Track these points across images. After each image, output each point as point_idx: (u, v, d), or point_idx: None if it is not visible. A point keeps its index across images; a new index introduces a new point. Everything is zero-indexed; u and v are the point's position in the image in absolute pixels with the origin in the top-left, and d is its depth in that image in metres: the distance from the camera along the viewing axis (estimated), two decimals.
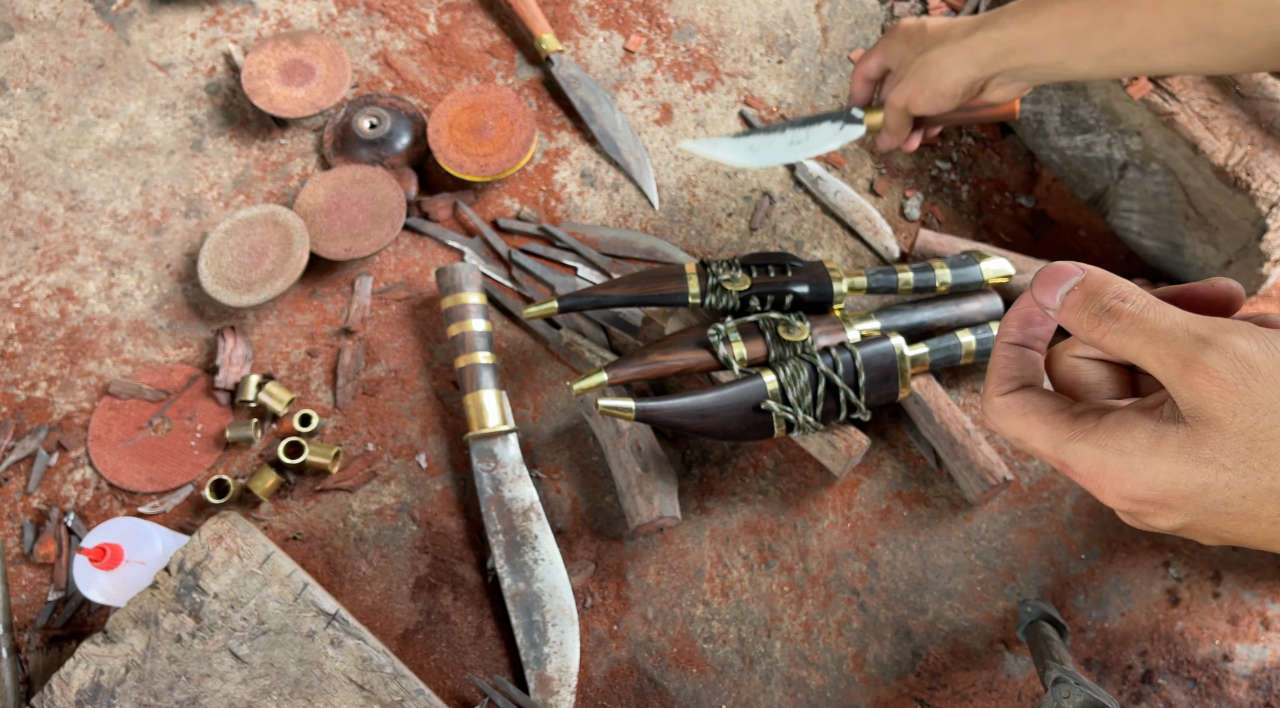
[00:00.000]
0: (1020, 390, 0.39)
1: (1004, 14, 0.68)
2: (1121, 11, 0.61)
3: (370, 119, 0.96)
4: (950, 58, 0.69)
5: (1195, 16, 0.59)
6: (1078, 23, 0.63)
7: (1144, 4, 0.60)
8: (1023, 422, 0.38)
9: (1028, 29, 0.66)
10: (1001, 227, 0.94)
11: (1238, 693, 0.78)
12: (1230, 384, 0.32)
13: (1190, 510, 0.34)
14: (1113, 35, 0.62)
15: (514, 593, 0.79)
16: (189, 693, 0.72)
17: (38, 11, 1.02)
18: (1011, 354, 0.40)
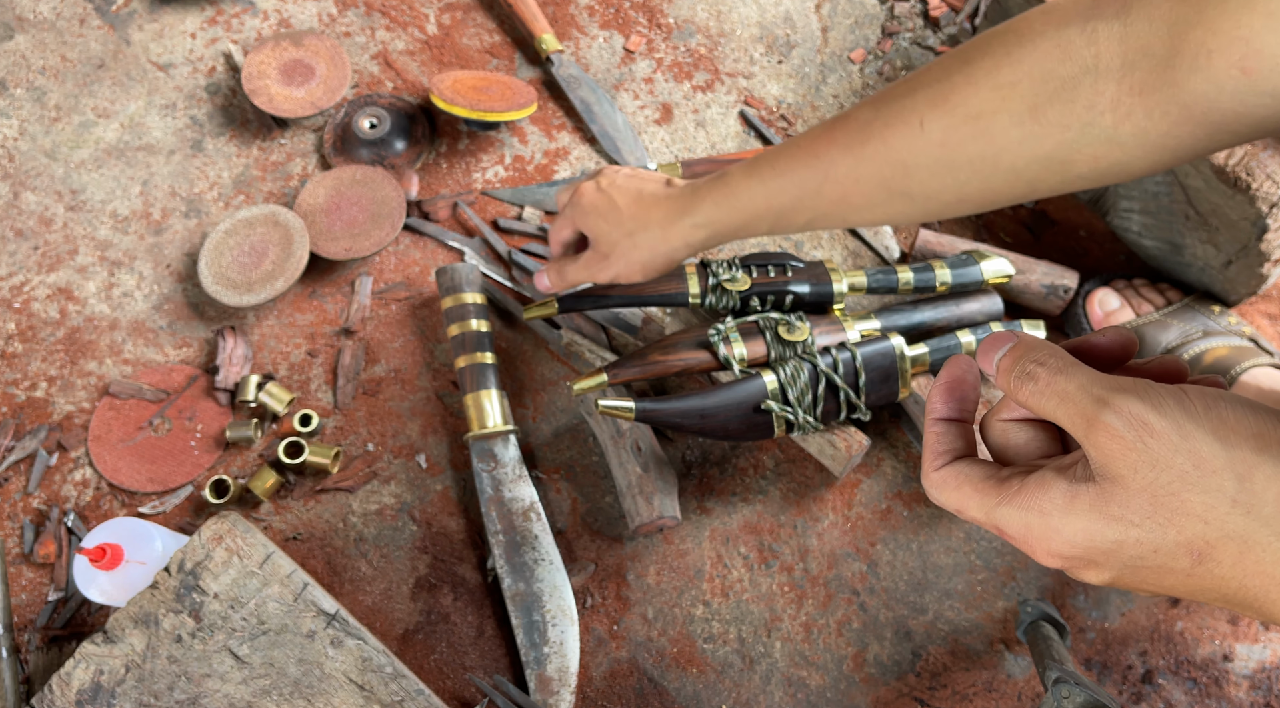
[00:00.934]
0: (953, 463, 0.40)
1: (704, 201, 0.68)
2: (820, 184, 0.63)
3: (370, 119, 0.96)
4: (664, 244, 0.71)
5: (888, 181, 0.61)
6: (779, 201, 0.65)
7: (840, 175, 0.62)
8: (957, 493, 0.39)
9: (733, 214, 0.68)
10: (1001, 227, 0.94)
11: (1238, 693, 0.78)
12: (1129, 442, 0.33)
13: (1113, 566, 0.35)
14: (814, 205, 0.65)
15: (514, 593, 0.79)
16: (189, 693, 0.72)
17: (38, 11, 1.02)
18: (940, 429, 0.41)
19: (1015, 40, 0.55)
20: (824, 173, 0.63)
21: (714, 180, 0.68)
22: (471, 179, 0.96)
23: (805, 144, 0.64)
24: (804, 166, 0.64)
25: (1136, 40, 0.50)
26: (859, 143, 0.61)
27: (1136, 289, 0.87)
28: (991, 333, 0.38)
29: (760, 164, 0.66)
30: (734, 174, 0.67)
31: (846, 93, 1.00)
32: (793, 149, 0.65)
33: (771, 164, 0.65)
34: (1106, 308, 0.85)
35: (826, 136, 0.63)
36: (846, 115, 0.63)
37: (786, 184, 0.64)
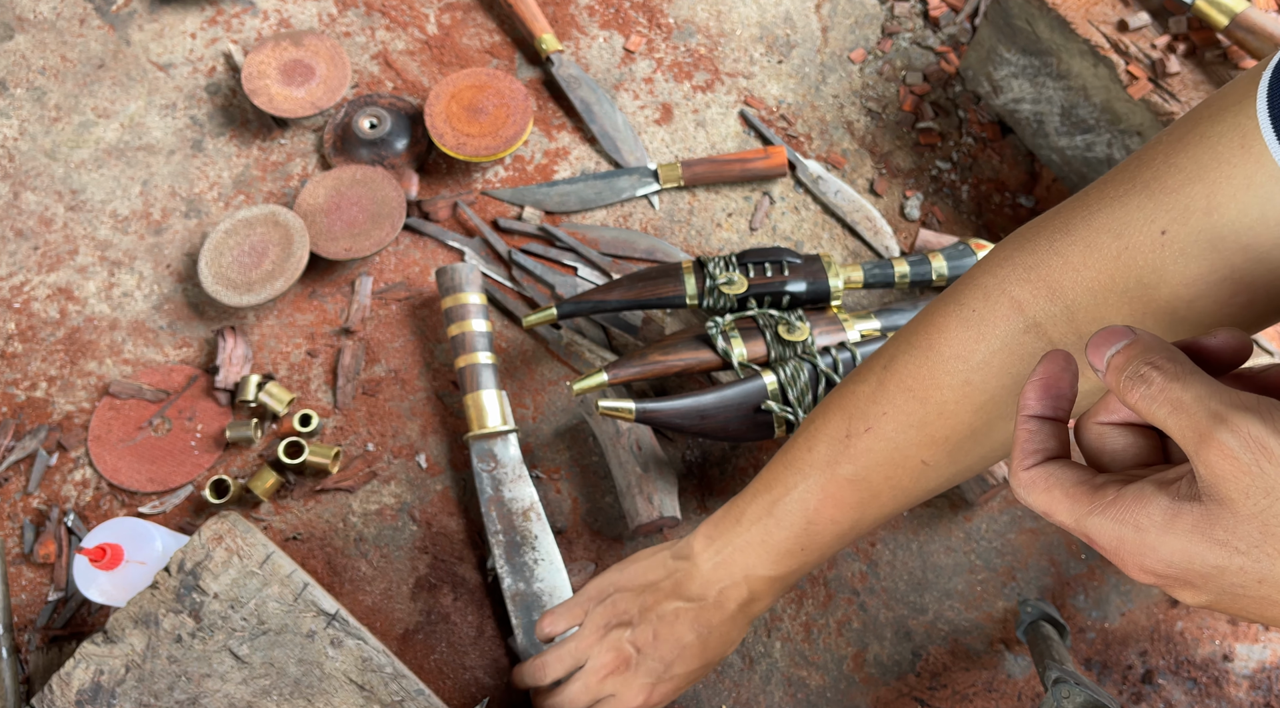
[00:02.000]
0: (1044, 463, 0.38)
1: (731, 600, 0.66)
2: (835, 535, 0.64)
3: (370, 119, 0.96)
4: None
5: (910, 500, 0.63)
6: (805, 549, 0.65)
7: (863, 525, 0.63)
8: (1046, 496, 0.37)
9: (776, 586, 0.66)
10: (1002, 227, 0.94)
11: (1238, 693, 0.78)
12: (1244, 465, 0.31)
13: (1211, 590, 0.34)
14: (838, 541, 0.65)
15: (514, 593, 0.79)
16: (189, 693, 0.72)
17: (38, 11, 1.02)
18: (1033, 427, 0.39)
19: (963, 366, 0.56)
20: (854, 530, 0.63)
21: (755, 581, 0.66)
22: (471, 179, 0.96)
23: (811, 518, 0.63)
24: (829, 532, 0.63)
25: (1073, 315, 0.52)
26: (872, 497, 0.61)
27: None
28: (1105, 328, 0.37)
29: (785, 556, 0.64)
30: (769, 570, 0.65)
31: (846, 93, 1.00)
32: (803, 526, 0.63)
33: (798, 545, 0.64)
34: None
35: (829, 501, 0.62)
36: (828, 476, 0.62)
37: (823, 551, 0.64)
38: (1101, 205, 0.50)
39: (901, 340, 0.60)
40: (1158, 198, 0.48)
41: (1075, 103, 0.86)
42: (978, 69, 0.95)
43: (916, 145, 0.97)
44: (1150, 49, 0.81)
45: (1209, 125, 0.46)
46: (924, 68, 1.00)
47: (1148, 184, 0.48)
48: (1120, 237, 0.49)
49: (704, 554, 0.67)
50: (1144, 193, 0.48)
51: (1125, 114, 0.82)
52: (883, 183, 0.96)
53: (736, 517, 0.66)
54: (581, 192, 0.95)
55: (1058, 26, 0.83)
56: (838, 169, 0.97)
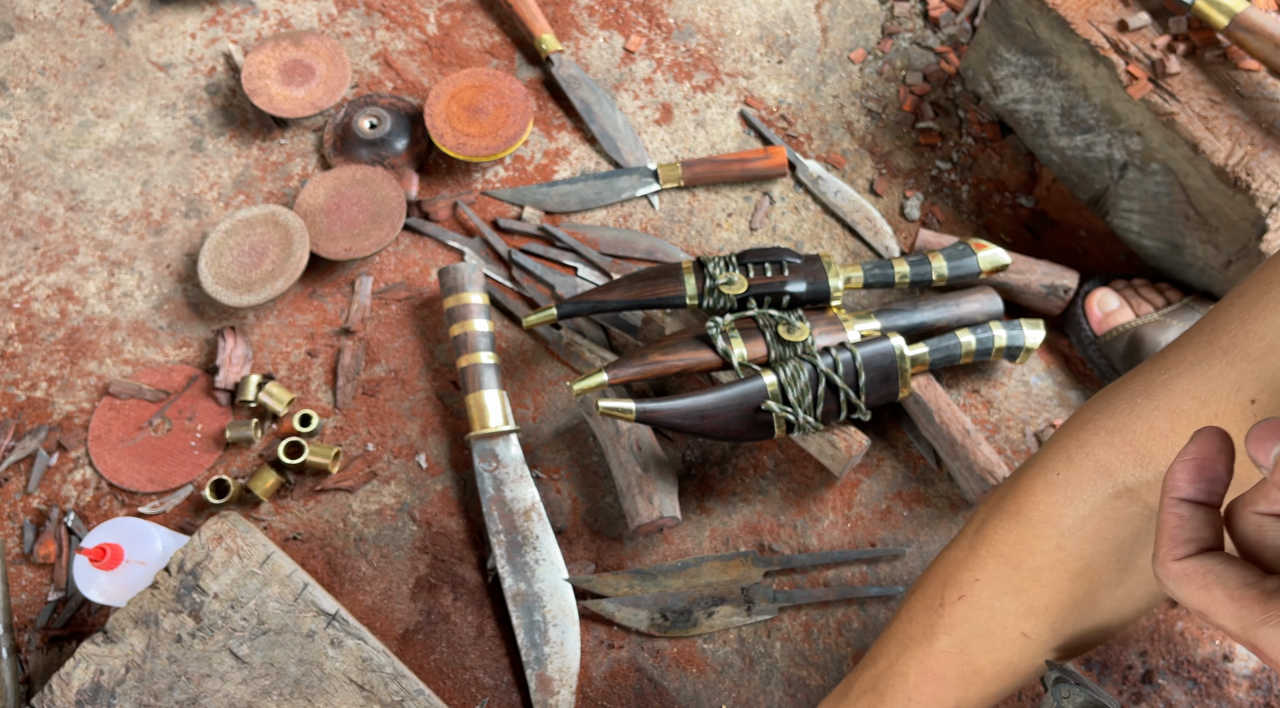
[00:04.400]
0: (1199, 556, 0.35)
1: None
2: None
3: (370, 119, 0.96)
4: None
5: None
6: None
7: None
8: (1204, 594, 0.34)
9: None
10: (1002, 227, 0.94)
11: (1238, 693, 0.78)
12: None
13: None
14: None
15: (515, 593, 0.79)
16: (189, 693, 0.72)
17: (38, 11, 1.02)
18: (1185, 512, 0.36)
19: (1055, 531, 0.54)
20: (961, 703, 0.61)
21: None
22: (471, 179, 0.96)
23: (911, 694, 0.61)
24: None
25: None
26: (974, 673, 0.59)
27: (1136, 289, 0.87)
28: (1267, 419, 0.33)
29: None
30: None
31: (846, 93, 1.00)
32: (902, 702, 0.61)
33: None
34: (1106, 308, 0.85)
35: (928, 677, 0.60)
36: (925, 649, 0.60)
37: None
38: (1181, 369, 0.49)
39: (991, 505, 0.59)
40: (1239, 366, 0.46)
41: (1075, 103, 0.86)
42: (978, 69, 0.95)
43: (916, 145, 0.97)
44: (1150, 49, 0.81)
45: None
46: (924, 68, 1.00)
47: (1227, 350, 0.47)
48: (1207, 404, 0.48)
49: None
50: (1224, 359, 0.47)
51: (1125, 114, 0.82)
52: (883, 183, 0.96)
53: (844, 691, 0.64)
54: (581, 191, 0.95)
55: (1058, 26, 0.83)
56: (838, 169, 0.97)
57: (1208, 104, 0.78)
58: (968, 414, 0.87)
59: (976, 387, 0.88)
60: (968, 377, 0.88)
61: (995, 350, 0.82)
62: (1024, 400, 0.87)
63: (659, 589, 0.80)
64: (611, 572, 0.81)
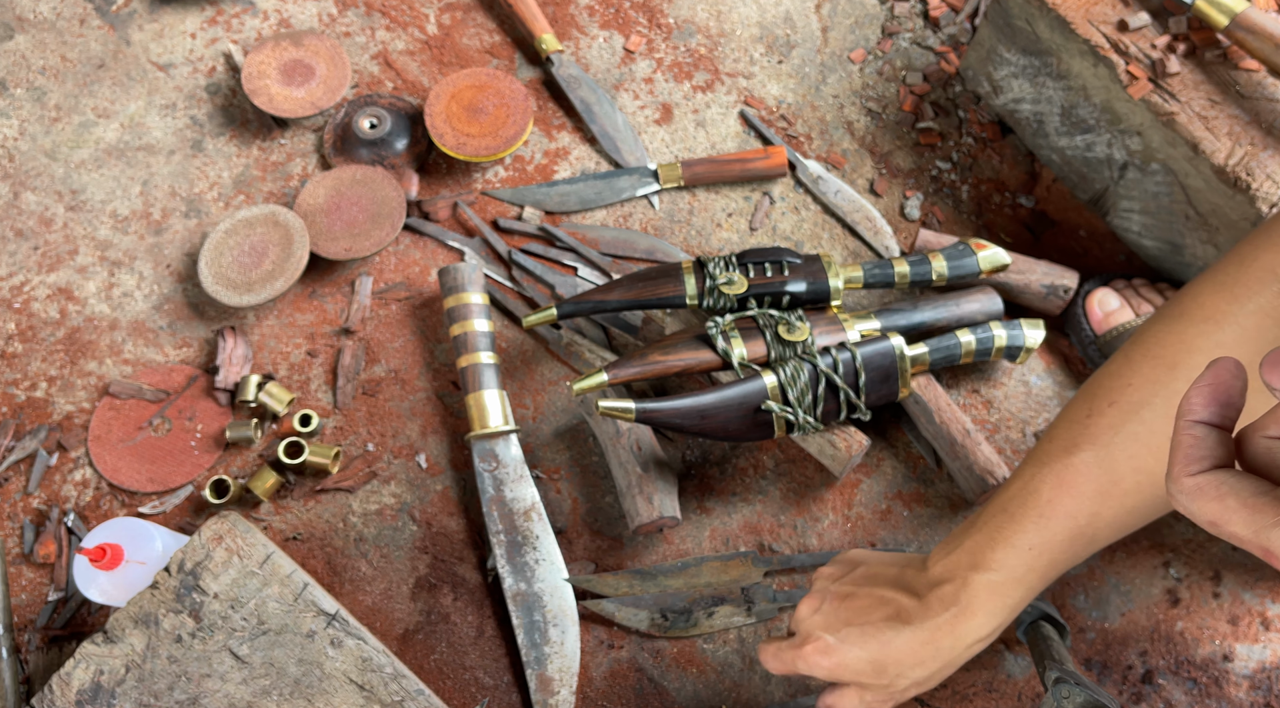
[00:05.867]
0: (1213, 471, 0.37)
1: (977, 610, 0.60)
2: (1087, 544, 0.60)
3: (370, 119, 0.96)
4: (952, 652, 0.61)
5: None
6: (1054, 559, 0.61)
7: (1106, 523, 0.59)
8: (1218, 504, 0.36)
9: (1009, 611, 0.61)
10: (1002, 227, 0.94)
11: (1238, 693, 0.78)
12: None
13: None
14: (1088, 550, 0.61)
15: (515, 593, 0.79)
16: (189, 693, 0.72)
17: (38, 11, 1.02)
18: (1199, 433, 0.37)
19: (1215, 329, 0.52)
20: (1091, 526, 0.59)
21: (970, 585, 0.60)
22: (471, 179, 0.96)
23: (1043, 511, 0.59)
24: (1061, 529, 0.59)
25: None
26: (1113, 484, 0.58)
27: (1136, 289, 0.87)
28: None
29: (1009, 552, 0.59)
30: (986, 572, 0.60)
31: (846, 93, 1.00)
32: (1033, 521, 0.59)
33: (1024, 544, 0.59)
34: (1106, 308, 0.85)
35: (1064, 491, 0.58)
36: (1064, 463, 0.58)
37: (1054, 555, 0.59)
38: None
39: (1153, 316, 0.57)
40: None
41: (1075, 103, 0.86)
42: (978, 69, 0.95)
43: (916, 145, 0.97)
44: (1150, 49, 0.81)
45: None
46: (924, 68, 1.00)
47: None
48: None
49: (935, 556, 0.63)
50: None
51: (1125, 114, 0.82)
52: (883, 183, 0.96)
53: (973, 521, 0.63)
54: (581, 192, 0.95)
55: (1058, 26, 0.83)
56: (838, 169, 0.97)
57: (1208, 104, 0.78)
58: (968, 414, 0.87)
59: (976, 387, 0.88)
60: (968, 377, 0.88)
61: (995, 350, 0.82)
62: (1024, 400, 0.87)
63: (659, 589, 0.80)
64: (611, 572, 0.81)
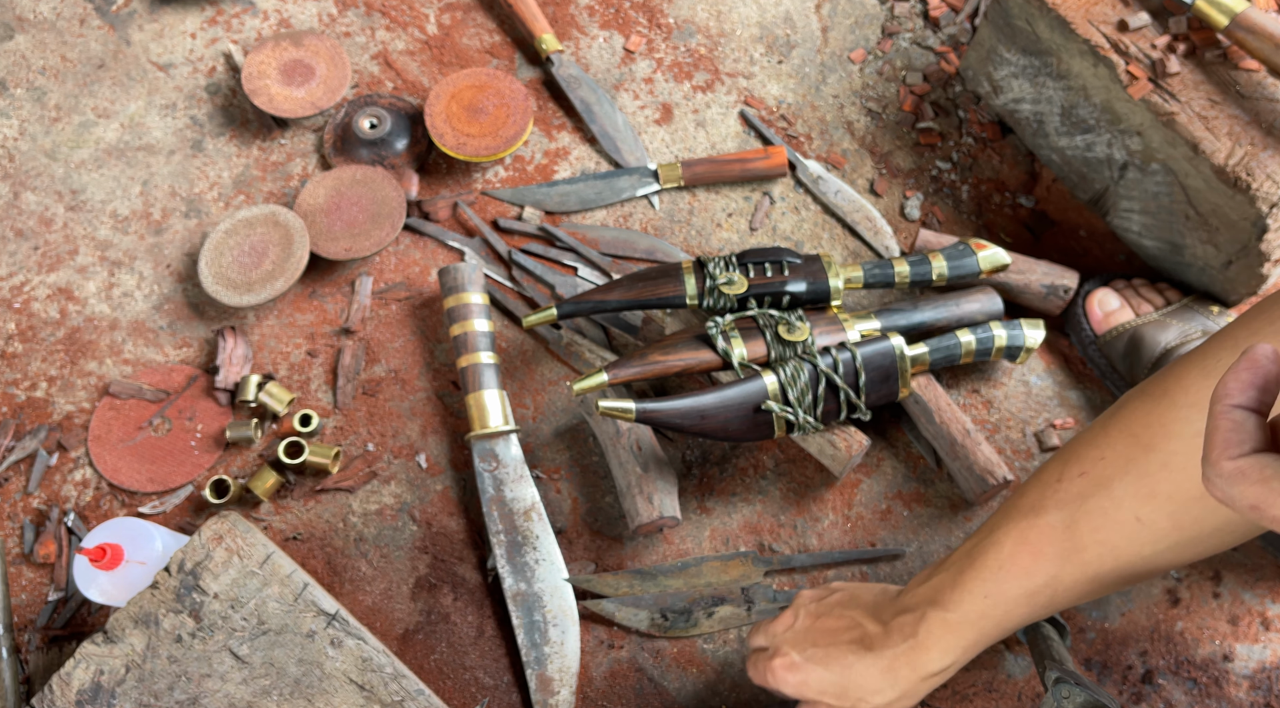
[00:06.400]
0: (1255, 455, 0.36)
1: (930, 648, 0.61)
2: (1050, 593, 0.60)
3: (370, 119, 0.96)
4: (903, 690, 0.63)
5: (1128, 569, 0.59)
6: (1008, 622, 0.61)
7: (1070, 581, 0.59)
8: (1262, 487, 0.36)
9: (963, 653, 0.62)
10: (1001, 227, 0.94)
11: (1238, 693, 0.78)
12: None
13: None
14: (1050, 604, 0.61)
15: (515, 593, 0.79)
16: (189, 693, 0.72)
17: (38, 11, 1.02)
18: (1238, 418, 0.37)
19: (1199, 416, 0.52)
20: (1049, 587, 0.60)
21: (927, 620, 0.62)
22: (471, 179, 0.96)
23: (1002, 564, 0.60)
24: (1017, 585, 0.60)
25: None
26: (1074, 551, 0.58)
27: (1136, 289, 0.87)
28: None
29: (964, 595, 0.61)
30: (942, 609, 0.61)
31: (846, 93, 1.00)
32: (991, 571, 0.60)
33: (980, 591, 0.60)
34: (1106, 308, 0.85)
35: (1025, 548, 0.59)
36: (1029, 522, 0.59)
37: (1008, 607, 0.60)
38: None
39: (1135, 390, 0.57)
40: None
41: (1075, 103, 0.86)
42: (978, 69, 0.95)
43: (916, 145, 0.97)
44: (1150, 49, 0.81)
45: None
46: (924, 68, 1.00)
47: None
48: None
49: (908, 587, 0.65)
50: None
51: (1125, 114, 0.82)
52: (883, 183, 0.96)
53: (945, 559, 0.64)
54: (581, 192, 0.95)
55: (1058, 26, 0.83)
56: (838, 169, 0.97)
57: (1208, 104, 0.78)
58: (968, 414, 0.87)
59: (976, 387, 0.88)
60: (968, 377, 0.88)
61: (995, 350, 0.82)
62: (1024, 400, 0.87)
63: (659, 589, 0.80)
64: (611, 572, 0.81)
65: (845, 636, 0.64)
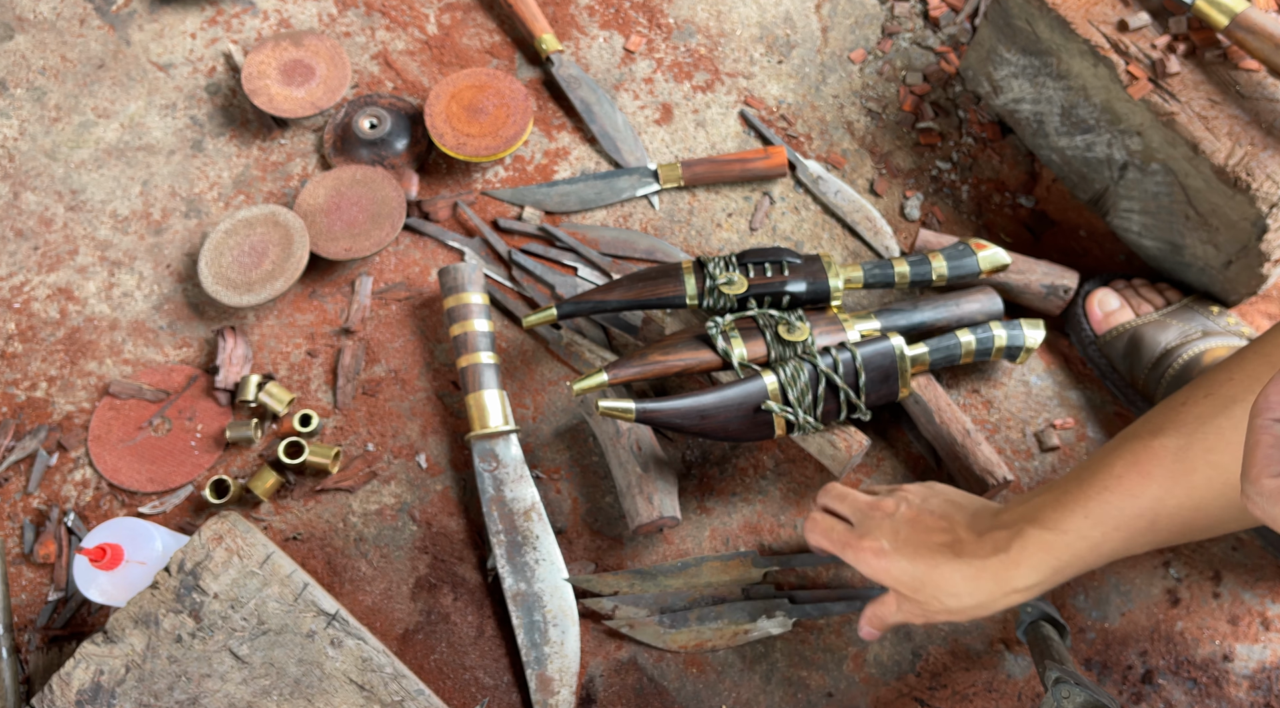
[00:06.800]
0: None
1: (1021, 565, 0.61)
2: (1151, 521, 0.59)
3: (370, 119, 0.96)
4: (984, 596, 0.63)
5: (1235, 500, 0.58)
6: (1107, 547, 0.60)
7: (1173, 509, 0.58)
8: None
9: (1057, 574, 0.61)
10: (1001, 227, 0.94)
11: (1238, 693, 0.78)
12: None
13: None
14: (1148, 540, 0.60)
15: (515, 593, 0.79)
16: (189, 693, 0.72)
17: (38, 11, 1.02)
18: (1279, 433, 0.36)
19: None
20: (1152, 510, 0.59)
21: (1023, 536, 0.62)
22: (471, 179, 0.96)
23: (1109, 484, 0.59)
24: (1120, 506, 0.59)
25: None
26: (1184, 473, 0.57)
27: (1136, 289, 0.87)
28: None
29: (1065, 514, 0.60)
30: (1040, 527, 0.61)
31: (846, 93, 1.00)
32: (1097, 491, 0.59)
33: (1081, 511, 0.60)
34: (1106, 308, 0.85)
35: (1135, 469, 0.58)
36: (1144, 443, 0.58)
37: (1108, 529, 0.60)
38: None
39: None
40: None
41: (1075, 103, 0.86)
42: (978, 69, 0.95)
43: (916, 145, 0.97)
44: (1150, 49, 0.81)
45: None
46: (924, 68, 1.00)
47: None
48: None
49: (1008, 506, 0.65)
50: None
51: (1125, 114, 0.82)
52: (883, 183, 0.96)
53: (1050, 483, 0.64)
54: (581, 192, 0.95)
55: (1058, 26, 0.83)
56: (838, 169, 0.97)
57: (1208, 104, 0.78)
58: (968, 414, 0.87)
59: (976, 387, 0.88)
60: (968, 377, 0.88)
61: (995, 350, 0.82)
62: (1024, 400, 0.87)
63: (659, 589, 0.80)
64: (611, 572, 0.81)
65: (939, 537, 0.65)
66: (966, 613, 0.64)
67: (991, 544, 0.63)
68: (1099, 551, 0.61)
